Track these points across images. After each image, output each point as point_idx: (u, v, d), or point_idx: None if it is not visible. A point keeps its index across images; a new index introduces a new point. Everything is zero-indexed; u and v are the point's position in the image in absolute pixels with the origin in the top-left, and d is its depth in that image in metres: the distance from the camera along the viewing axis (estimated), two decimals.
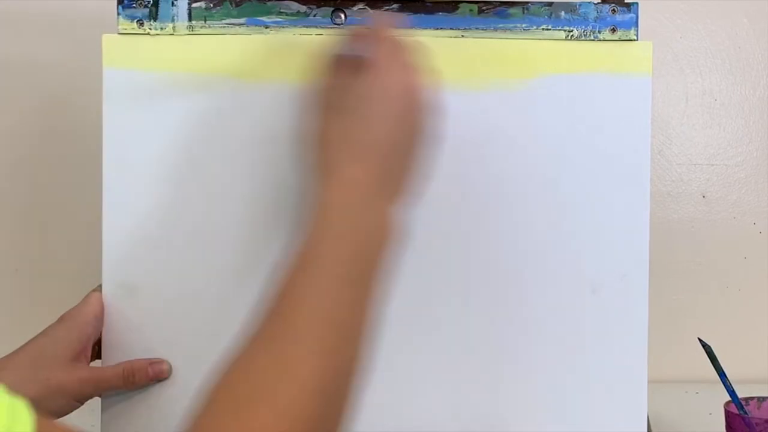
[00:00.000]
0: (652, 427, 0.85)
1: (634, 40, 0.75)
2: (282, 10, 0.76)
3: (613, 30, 0.75)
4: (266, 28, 0.76)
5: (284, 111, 0.75)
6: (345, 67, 0.64)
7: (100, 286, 0.76)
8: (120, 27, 0.76)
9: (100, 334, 0.75)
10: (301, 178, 0.75)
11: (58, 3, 1.14)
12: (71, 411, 0.72)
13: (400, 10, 0.76)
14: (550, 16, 0.75)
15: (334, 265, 0.57)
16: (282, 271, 0.57)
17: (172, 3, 0.75)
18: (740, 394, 0.81)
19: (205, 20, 0.76)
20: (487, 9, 0.76)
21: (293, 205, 0.75)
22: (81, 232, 1.12)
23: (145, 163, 0.75)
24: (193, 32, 0.76)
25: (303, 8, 0.76)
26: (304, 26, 0.76)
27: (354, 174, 0.61)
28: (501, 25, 0.76)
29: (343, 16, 0.76)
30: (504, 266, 0.75)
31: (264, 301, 0.57)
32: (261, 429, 0.50)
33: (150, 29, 0.75)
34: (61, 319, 0.74)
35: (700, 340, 0.83)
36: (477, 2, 0.75)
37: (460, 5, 0.76)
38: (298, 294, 0.56)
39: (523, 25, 0.75)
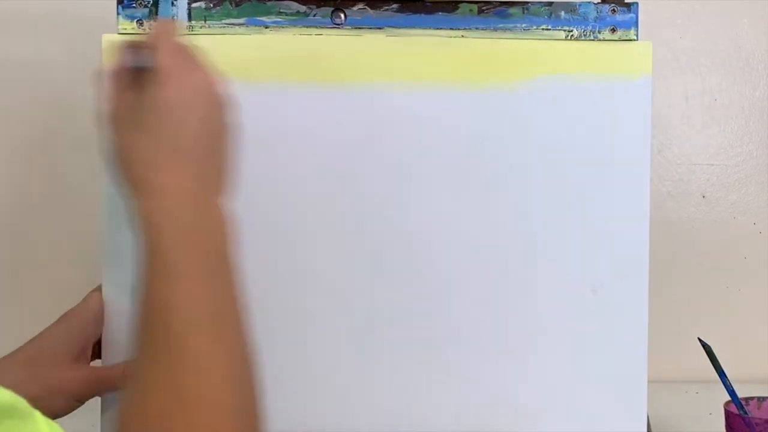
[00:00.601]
0: (652, 427, 0.85)
1: (634, 40, 0.75)
2: (282, 10, 0.76)
3: (613, 30, 0.75)
4: (266, 28, 0.76)
5: (283, 111, 0.75)
6: (131, 80, 0.63)
7: (100, 286, 0.76)
8: (120, 27, 0.76)
9: (100, 334, 0.75)
10: (298, 178, 0.75)
11: (58, 3, 1.14)
12: (71, 411, 0.72)
13: (400, 10, 0.76)
14: (550, 16, 0.75)
15: (190, 269, 0.58)
16: (143, 293, 0.58)
17: (172, 3, 0.75)
18: (740, 394, 0.81)
19: (205, 20, 0.76)
20: (487, 9, 0.76)
21: (292, 204, 0.75)
22: (81, 232, 1.12)
23: None
24: (193, 32, 0.76)
25: (303, 8, 0.76)
26: (304, 26, 0.76)
27: (168, 183, 0.60)
28: (501, 25, 0.76)
29: (343, 16, 0.76)
30: (504, 266, 0.75)
31: (140, 321, 0.58)
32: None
33: (150, 29, 0.75)
34: (61, 319, 0.74)
35: (700, 340, 0.83)
36: (477, 2, 0.75)
37: (460, 5, 0.76)
38: (172, 306, 0.57)
39: (523, 25, 0.75)
